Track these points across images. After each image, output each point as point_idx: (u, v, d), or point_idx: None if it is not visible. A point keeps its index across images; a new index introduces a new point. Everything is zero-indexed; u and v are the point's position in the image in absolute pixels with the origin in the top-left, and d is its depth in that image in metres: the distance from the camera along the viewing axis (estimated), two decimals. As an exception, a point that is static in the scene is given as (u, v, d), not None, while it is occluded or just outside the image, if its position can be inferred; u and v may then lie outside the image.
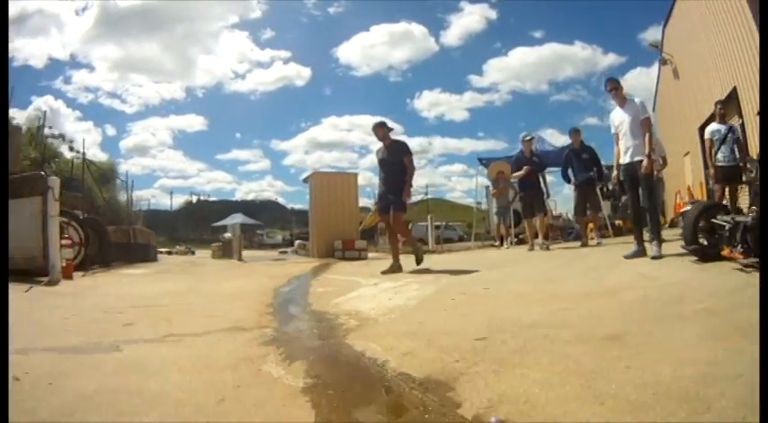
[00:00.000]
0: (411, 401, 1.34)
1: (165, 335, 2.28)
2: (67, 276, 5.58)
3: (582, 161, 5.69)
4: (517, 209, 7.16)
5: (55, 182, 5.98)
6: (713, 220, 3.00)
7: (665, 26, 11.83)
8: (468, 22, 65.85)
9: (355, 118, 74.04)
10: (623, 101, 3.83)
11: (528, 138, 6.07)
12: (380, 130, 4.90)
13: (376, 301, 2.96)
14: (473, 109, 65.39)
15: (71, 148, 14.25)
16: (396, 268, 4.64)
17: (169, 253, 18.17)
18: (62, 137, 14.82)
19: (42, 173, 6.79)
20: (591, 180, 5.75)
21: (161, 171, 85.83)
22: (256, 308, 3.12)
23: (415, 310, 2.67)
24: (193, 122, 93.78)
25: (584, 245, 5.82)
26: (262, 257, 12.27)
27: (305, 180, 11.31)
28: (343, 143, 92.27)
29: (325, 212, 9.91)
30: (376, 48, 74.31)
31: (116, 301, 3.48)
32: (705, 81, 8.98)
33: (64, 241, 6.07)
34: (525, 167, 5.89)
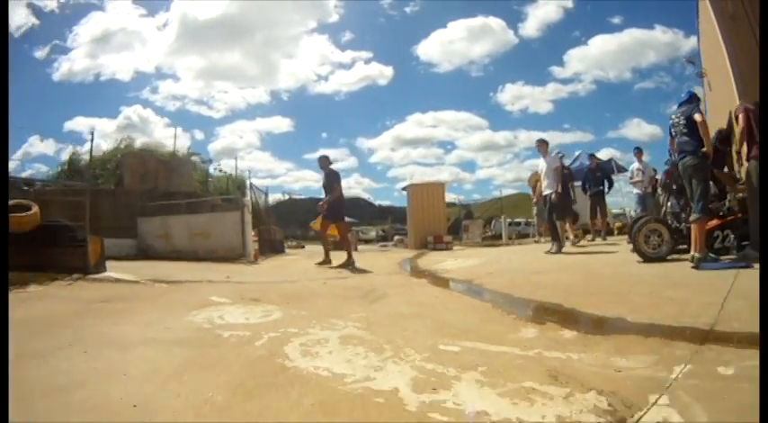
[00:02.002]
0: (456, 283, 4.67)
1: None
2: (256, 259, 9.66)
3: (595, 177, 8.41)
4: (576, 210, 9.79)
5: (247, 202, 10.23)
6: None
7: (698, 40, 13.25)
8: (544, 12, 65.05)
9: (440, 114, 75.96)
10: (546, 154, 6.74)
11: (561, 155, 8.76)
12: (323, 161, 6.94)
13: (451, 265, 6.33)
14: (557, 100, 64.51)
15: (222, 172, 19.41)
16: (325, 262, 6.70)
17: (284, 247, 23.11)
18: (210, 161, 20.13)
19: (240, 197, 11.16)
20: (600, 192, 8.43)
21: (249, 171, 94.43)
22: (391, 267, 6.63)
23: (466, 267, 5.97)
24: (280, 124, 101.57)
25: (593, 239, 8.53)
26: (369, 249, 16.07)
27: (403, 189, 14.95)
28: (429, 139, 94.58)
29: (420, 214, 13.41)
30: (455, 43, 75.71)
31: (292, 267, 7.21)
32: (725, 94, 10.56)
33: (253, 238, 10.29)
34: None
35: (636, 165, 8.00)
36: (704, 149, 4.13)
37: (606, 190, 8.61)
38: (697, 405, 1.39)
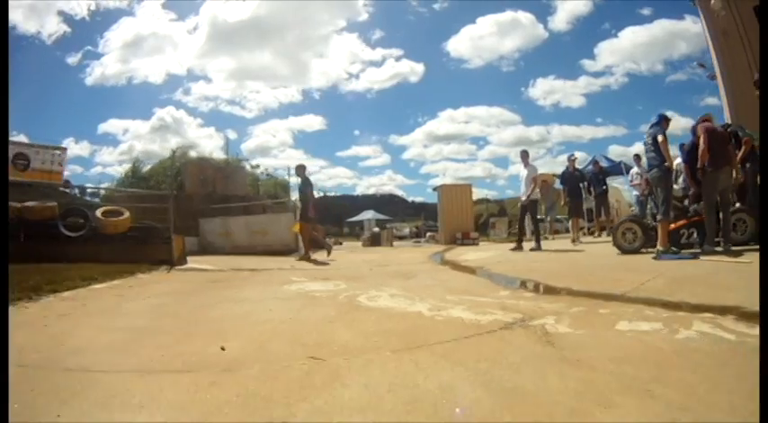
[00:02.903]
0: (469, 269, 6.15)
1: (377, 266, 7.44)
2: (307, 252, 11.34)
3: (599, 180, 9.64)
4: (591, 208, 10.98)
5: (296, 204, 11.97)
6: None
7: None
8: (573, 5, 64.36)
9: (471, 110, 76.59)
10: (526, 164, 7.98)
11: (573, 158, 9.91)
12: (299, 169, 8.77)
13: (471, 256, 7.81)
14: (589, 94, 63.94)
15: (269, 176, 21.51)
16: (306, 258, 8.26)
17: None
18: (257, 166, 22.24)
19: (293, 200, 12.95)
20: (604, 193, 9.64)
21: (283, 170, 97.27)
22: (423, 258, 8.17)
23: (482, 258, 7.42)
24: (312, 122, 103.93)
25: (598, 235, 9.76)
26: (403, 245, 17.63)
27: (434, 189, 16.44)
28: (461, 135, 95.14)
29: (449, 213, 14.88)
30: (485, 39, 75.87)
31: (345, 262, 8.82)
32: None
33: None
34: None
35: (635, 169, 9.19)
36: (666, 164, 5.40)
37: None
38: (567, 321, 2.84)
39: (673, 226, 5.62)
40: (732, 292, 3.09)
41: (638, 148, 8.18)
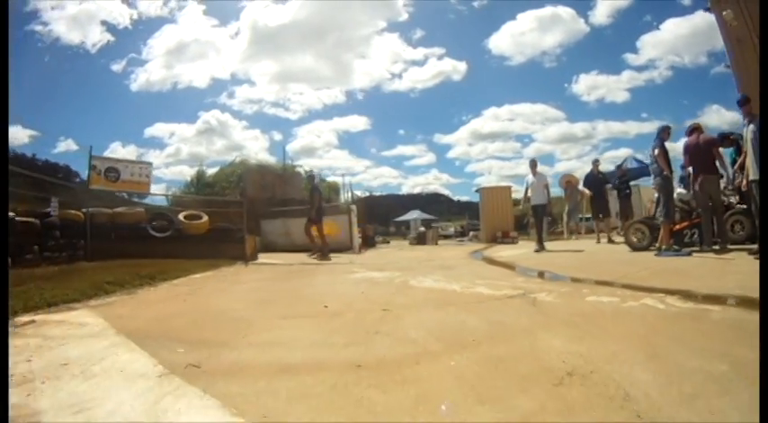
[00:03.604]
0: (500, 263, 7.35)
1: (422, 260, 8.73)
2: (361, 250, 12.87)
3: (622, 183, 10.46)
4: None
5: (353, 208, 13.51)
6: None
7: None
8: None
9: (515, 107, 75.92)
10: (535, 173, 8.86)
11: (597, 162, 10.77)
12: (310, 179, 11.22)
13: (504, 253, 8.99)
14: (633, 89, 61.94)
15: (323, 180, 23.35)
16: (325, 255, 9.63)
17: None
18: (311, 171, 24.16)
19: (348, 203, 14.52)
20: (627, 195, 10.45)
21: (328, 170, 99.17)
22: (465, 255, 9.42)
23: (513, 254, 8.58)
24: (357, 123, 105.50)
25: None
26: (447, 243, 18.86)
27: (477, 190, 17.58)
28: (506, 133, 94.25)
29: (490, 213, 16.00)
30: (526, 35, 74.88)
31: (394, 258, 10.18)
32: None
33: (358, 234, 13.55)
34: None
35: None
36: (665, 173, 6.39)
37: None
38: (554, 295, 4.07)
39: (678, 227, 6.61)
40: (695, 280, 4.15)
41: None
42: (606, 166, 13.78)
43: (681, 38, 60.81)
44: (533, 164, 9.04)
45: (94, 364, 2.18)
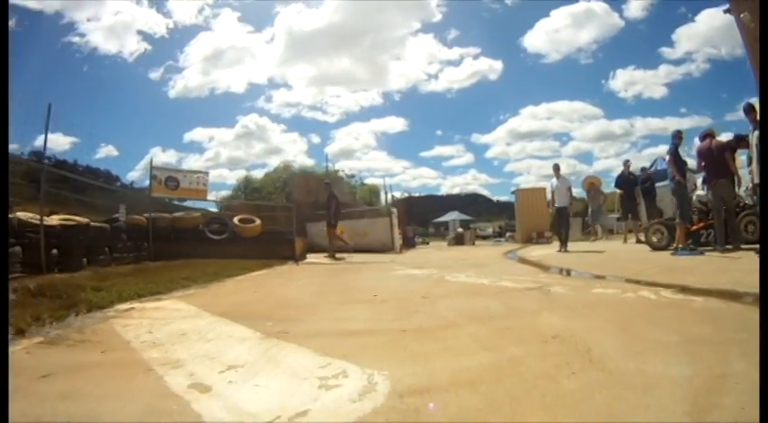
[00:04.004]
0: (529, 261, 7.99)
1: (461, 258, 9.44)
2: (402, 251, 13.69)
3: (649, 184, 10.74)
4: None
5: (394, 210, 14.35)
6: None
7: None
8: None
9: (553, 105, 74.47)
10: (558, 176, 9.33)
11: (627, 163, 11.11)
12: (326, 186, 12.24)
13: (535, 253, 9.59)
14: (671, 84, 59.86)
15: (363, 184, 24.40)
16: (333, 255, 10.97)
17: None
18: (352, 176, 25.24)
19: (389, 207, 15.42)
20: (653, 197, 10.70)
21: (367, 171, 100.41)
22: (498, 255, 10.09)
23: (543, 254, 9.17)
24: (394, 124, 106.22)
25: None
26: (484, 244, 19.42)
27: (512, 192, 18.08)
28: (544, 132, 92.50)
29: (525, 214, 16.49)
30: (560, 32, 73.39)
31: (433, 257, 10.94)
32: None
33: (398, 235, 14.38)
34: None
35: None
36: (676, 178, 6.88)
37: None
38: (567, 288, 4.71)
39: (695, 227, 7.07)
40: (695, 276, 4.70)
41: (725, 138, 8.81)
42: (641, 164, 13.92)
43: (717, 29, 58.02)
44: (556, 168, 9.57)
45: (207, 333, 3.03)
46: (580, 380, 1.82)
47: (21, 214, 6.66)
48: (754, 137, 5.79)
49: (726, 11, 11.17)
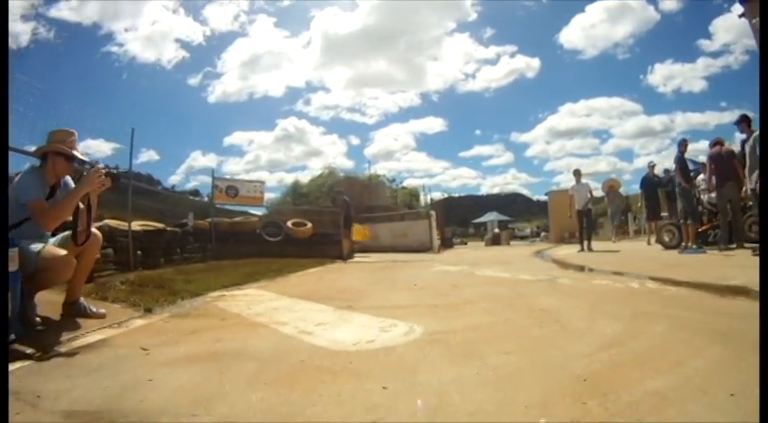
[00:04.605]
0: (552, 259, 8.89)
1: (494, 256, 10.42)
2: (440, 251, 14.73)
3: (673, 186, 11.25)
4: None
5: (432, 213, 15.44)
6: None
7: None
8: None
9: (591, 102, 72.56)
10: (578, 181, 10.04)
11: (652, 164, 11.65)
12: (338, 194, 13.31)
13: (560, 252, 10.45)
14: (710, 77, 57.61)
15: (403, 188, 25.57)
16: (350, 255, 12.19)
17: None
18: (393, 180, 26.44)
19: (428, 209, 16.53)
20: (674, 199, 11.17)
21: (407, 172, 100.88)
22: (528, 254, 11.01)
23: (568, 253, 9.99)
24: (433, 124, 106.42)
25: None
26: (519, 244, 20.16)
27: (546, 194, 18.77)
28: (583, 129, 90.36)
29: (558, 215, 17.15)
30: (596, 27, 71.64)
31: (469, 256, 11.95)
32: None
33: (437, 237, 15.44)
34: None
35: (701, 176, 10.76)
36: (682, 185, 7.64)
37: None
38: (571, 280, 5.69)
39: (703, 228, 7.79)
40: (686, 271, 5.48)
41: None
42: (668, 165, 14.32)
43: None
44: (577, 173, 10.36)
45: (293, 307, 4.25)
46: (543, 331, 2.90)
47: (110, 221, 7.97)
48: (748, 146, 6.51)
49: (740, 15, 11.62)
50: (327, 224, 15.08)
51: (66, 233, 3.22)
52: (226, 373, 2.10)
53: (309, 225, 13.86)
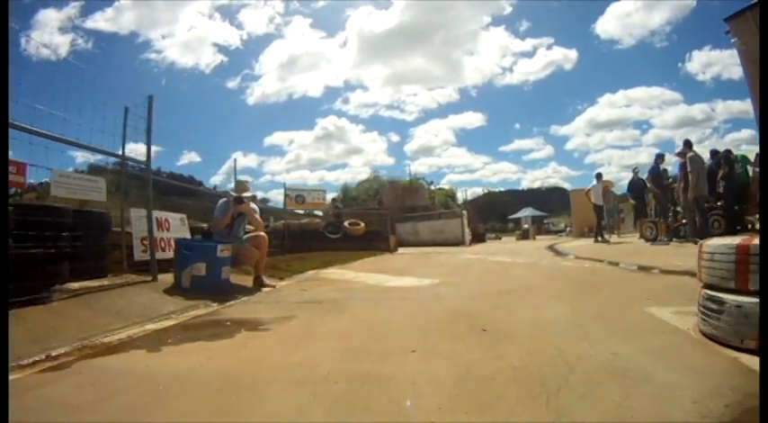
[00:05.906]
0: (556, 251, 11.20)
1: (514, 249, 12.82)
2: (471, 244, 17.18)
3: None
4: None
5: (464, 212, 17.98)
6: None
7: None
8: None
9: (630, 92, 70.68)
10: (598, 181, 12.13)
11: (636, 170, 13.51)
12: (334, 208, 15.55)
13: (570, 245, 12.71)
14: None
15: (440, 189, 27.94)
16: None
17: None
18: (431, 182, 28.90)
19: (461, 209, 19.02)
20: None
21: (447, 168, 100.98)
22: (543, 246, 13.34)
23: (576, 245, 12.21)
24: (472, 119, 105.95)
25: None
26: (544, 238, 22.22)
27: (570, 192, 20.78)
28: (623, 120, 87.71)
29: (579, 212, 19.19)
30: (632, 16, 69.68)
31: (493, 248, 14.39)
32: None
33: (468, 232, 17.94)
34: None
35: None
36: (656, 192, 9.78)
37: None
38: (568, 263, 8.10)
39: (677, 224, 9.91)
40: (634, 257, 7.77)
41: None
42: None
43: (793, 1, 52.29)
44: (598, 176, 12.52)
45: (367, 275, 6.93)
46: (504, 283, 5.44)
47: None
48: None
49: (726, 32, 13.32)
50: (375, 223, 17.76)
51: (249, 235, 6.05)
52: (349, 294, 4.85)
53: (362, 224, 16.60)
